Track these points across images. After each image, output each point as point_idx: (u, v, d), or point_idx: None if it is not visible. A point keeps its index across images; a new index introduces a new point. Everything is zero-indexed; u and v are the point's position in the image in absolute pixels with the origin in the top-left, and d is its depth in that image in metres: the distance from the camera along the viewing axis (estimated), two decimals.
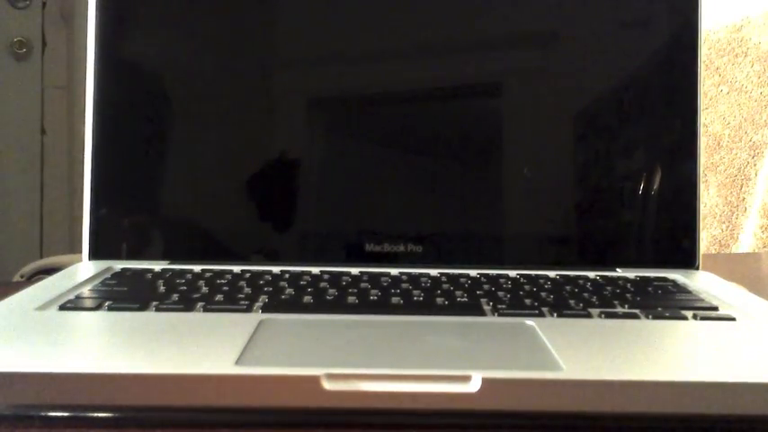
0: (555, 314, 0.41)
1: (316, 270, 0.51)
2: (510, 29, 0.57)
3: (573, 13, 0.56)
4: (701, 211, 0.54)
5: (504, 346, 0.37)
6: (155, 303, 0.42)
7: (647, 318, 0.41)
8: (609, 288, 0.48)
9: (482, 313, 0.42)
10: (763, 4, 1.00)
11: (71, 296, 0.44)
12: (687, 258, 0.54)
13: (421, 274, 0.51)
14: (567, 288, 0.48)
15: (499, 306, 0.42)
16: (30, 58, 1.34)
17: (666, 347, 0.38)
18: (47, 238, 1.36)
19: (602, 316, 0.41)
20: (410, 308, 0.43)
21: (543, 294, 0.46)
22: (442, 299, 0.44)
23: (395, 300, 0.44)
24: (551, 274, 0.52)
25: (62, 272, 0.51)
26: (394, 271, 0.52)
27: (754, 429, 0.32)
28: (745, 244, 0.98)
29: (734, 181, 0.99)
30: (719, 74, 1.00)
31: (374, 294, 0.45)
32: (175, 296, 0.44)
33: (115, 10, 0.55)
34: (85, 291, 0.45)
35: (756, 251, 0.96)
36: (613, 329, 0.39)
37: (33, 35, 1.34)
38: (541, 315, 0.41)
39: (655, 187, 0.55)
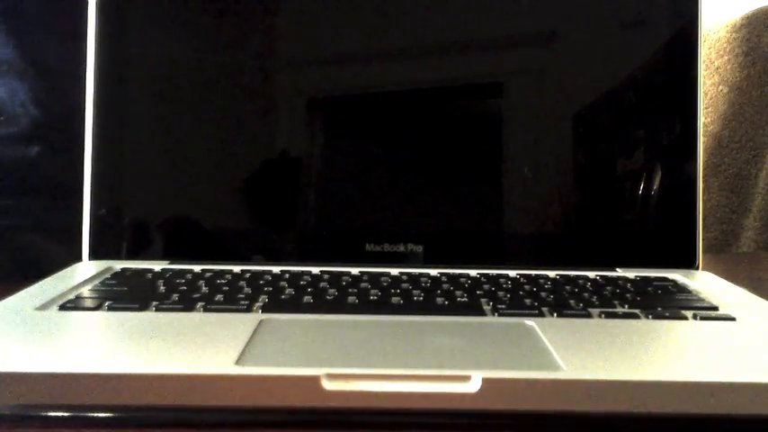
0: (555, 314, 0.41)
1: (316, 270, 0.51)
2: (510, 29, 0.57)
3: (573, 13, 0.56)
4: (701, 211, 0.54)
5: (503, 346, 0.37)
6: (155, 303, 0.42)
7: (647, 318, 0.41)
8: (609, 288, 0.48)
9: (482, 313, 0.42)
10: (764, 4, 1.00)
11: (71, 296, 0.44)
12: (687, 258, 0.54)
13: (421, 274, 0.51)
14: (567, 288, 0.48)
15: (499, 306, 0.42)
16: None
17: (666, 347, 0.38)
18: None
19: (602, 316, 0.41)
20: (410, 308, 0.43)
21: (543, 294, 0.46)
22: (442, 299, 0.45)
23: (395, 300, 0.44)
24: (551, 274, 0.52)
25: (62, 272, 0.51)
26: (394, 271, 0.52)
27: (754, 429, 0.32)
28: (745, 244, 0.98)
29: (734, 181, 0.99)
30: (719, 74, 1.00)
31: (374, 294, 0.45)
32: (175, 296, 0.44)
33: (115, 11, 0.55)
34: (85, 291, 0.45)
35: (756, 251, 0.96)
36: (613, 329, 0.39)
37: None
38: (541, 315, 0.41)
39: (655, 187, 0.55)
